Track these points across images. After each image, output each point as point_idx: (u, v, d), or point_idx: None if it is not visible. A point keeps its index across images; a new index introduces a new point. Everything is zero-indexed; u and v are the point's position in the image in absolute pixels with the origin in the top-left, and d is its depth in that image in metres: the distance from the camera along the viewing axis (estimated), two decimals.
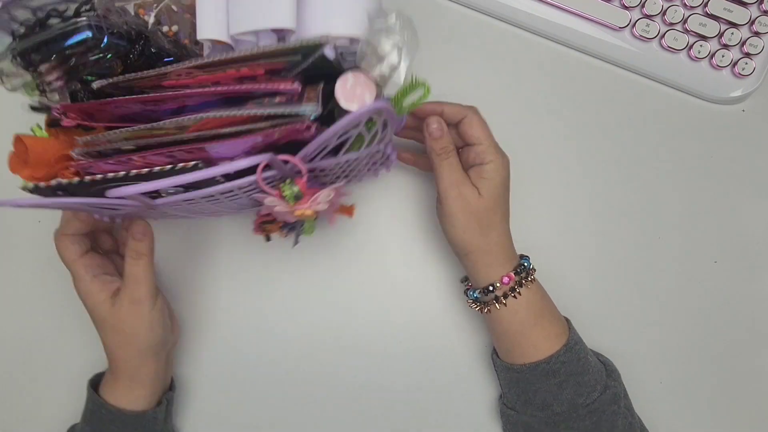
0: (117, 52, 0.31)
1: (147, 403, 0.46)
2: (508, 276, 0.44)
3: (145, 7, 0.33)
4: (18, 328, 0.53)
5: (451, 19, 0.54)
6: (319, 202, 0.36)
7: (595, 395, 0.44)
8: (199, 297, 0.53)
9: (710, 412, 0.52)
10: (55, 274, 0.52)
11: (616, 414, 0.45)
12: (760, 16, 0.52)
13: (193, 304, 0.53)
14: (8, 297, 0.53)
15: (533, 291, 0.46)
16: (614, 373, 0.48)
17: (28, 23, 0.32)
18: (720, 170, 0.54)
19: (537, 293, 0.46)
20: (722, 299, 0.53)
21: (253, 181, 0.33)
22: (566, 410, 0.44)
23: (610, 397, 0.45)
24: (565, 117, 0.54)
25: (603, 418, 0.44)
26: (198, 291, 0.53)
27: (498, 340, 0.47)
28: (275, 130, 0.32)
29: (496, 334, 0.47)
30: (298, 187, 0.35)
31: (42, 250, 0.53)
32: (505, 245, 0.46)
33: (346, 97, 0.33)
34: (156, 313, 0.44)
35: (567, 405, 0.44)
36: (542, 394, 0.45)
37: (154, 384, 0.46)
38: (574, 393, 0.44)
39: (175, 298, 0.52)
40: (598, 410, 0.44)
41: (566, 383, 0.44)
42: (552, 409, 0.45)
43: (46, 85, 0.33)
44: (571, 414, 0.44)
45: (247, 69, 0.32)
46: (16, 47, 0.32)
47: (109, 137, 0.33)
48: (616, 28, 0.53)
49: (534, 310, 0.45)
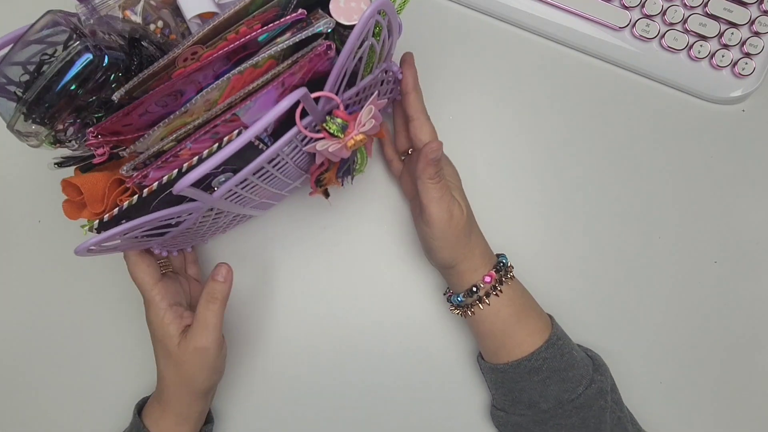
0: (119, 68, 0.31)
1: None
2: (489, 275, 0.45)
3: (128, 7, 0.33)
4: (17, 328, 0.53)
5: (451, 19, 0.54)
6: (364, 123, 0.36)
7: (581, 390, 0.44)
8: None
9: (710, 412, 0.52)
10: (55, 274, 0.53)
11: (603, 409, 0.44)
12: (760, 16, 0.51)
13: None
14: (8, 297, 0.53)
15: (513, 287, 0.46)
16: (602, 367, 0.47)
17: (24, 80, 0.31)
18: (720, 170, 0.54)
19: (517, 290, 0.46)
20: (722, 299, 0.53)
21: (296, 132, 0.34)
22: (552, 407, 0.44)
23: (596, 392, 0.44)
24: (565, 117, 0.54)
25: (590, 414, 0.44)
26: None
27: (483, 341, 0.47)
28: (296, 66, 0.32)
29: (480, 336, 0.47)
30: (339, 119, 0.35)
31: (42, 250, 0.53)
32: (483, 246, 0.46)
33: (345, 14, 0.34)
34: (219, 360, 0.44)
35: (553, 401, 0.44)
36: (528, 393, 0.45)
37: (199, 422, 0.46)
38: (560, 389, 0.44)
39: None
40: (584, 406, 0.44)
41: (550, 380, 0.44)
42: (539, 406, 0.45)
43: (62, 134, 0.33)
44: (558, 411, 0.44)
45: (245, 28, 0.32)
46: (22, 107, 0.31)
47: (147, 142, 0.33)
48: (616, 28, 0.53)
49: (516, 307, 0.45)
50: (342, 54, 0.32)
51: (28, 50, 0.31)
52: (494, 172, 0.53)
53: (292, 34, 0.33)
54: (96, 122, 0.32)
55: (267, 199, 0.47)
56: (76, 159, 0.39)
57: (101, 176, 0.36)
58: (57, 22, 0.29)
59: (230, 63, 0.33)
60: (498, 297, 0.45)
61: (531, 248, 0.52)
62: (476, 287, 0.45)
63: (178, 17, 0.35)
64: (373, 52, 0.36)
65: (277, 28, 0.32)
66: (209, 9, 0.34)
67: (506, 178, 0.53)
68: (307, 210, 0.53)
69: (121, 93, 0.31)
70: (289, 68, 0.33)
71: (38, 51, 0.31)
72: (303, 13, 0.33)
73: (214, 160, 0.31)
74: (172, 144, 0.34)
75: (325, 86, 0.34)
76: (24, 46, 0.30)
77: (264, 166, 0.36)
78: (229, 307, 0.52)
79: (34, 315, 0.53)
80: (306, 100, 0.32)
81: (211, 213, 0.40)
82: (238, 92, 0.32)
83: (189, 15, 0.34)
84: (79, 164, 0.39)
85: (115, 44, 0.31)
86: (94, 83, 0.30)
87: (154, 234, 0.37)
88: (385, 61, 0.39)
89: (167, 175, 0.34)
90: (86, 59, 0.29)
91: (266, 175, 0.39)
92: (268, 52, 0.32)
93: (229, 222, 0.47)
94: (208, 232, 0.47)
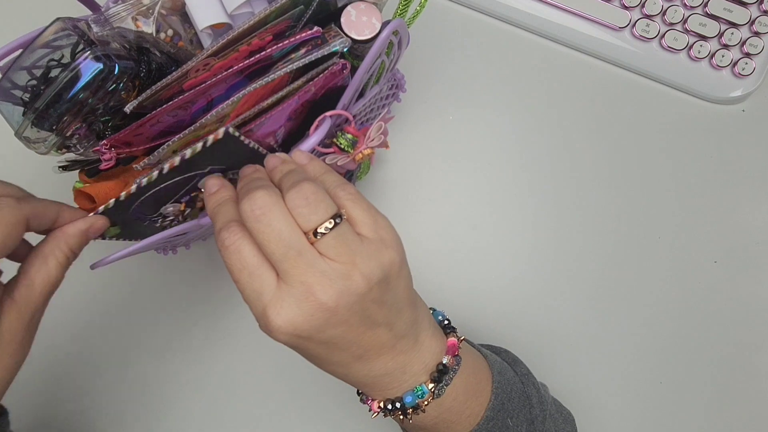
0: (128, 76, 0.31)
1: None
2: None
3: (140, 17, 0.33)
4: None
5: (451, 19, 0.54)
6: (373, 138, 0.37)
7: (537, 411, 0.36)
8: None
9: (710, 412, 0.52)
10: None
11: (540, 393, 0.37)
12: (760, 16, 0.52)
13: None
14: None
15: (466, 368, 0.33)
16: (514, 362, 0.39)
17: (31, 85, 0.31)
18: (720, 170, 0.54)
19: (468, 367, 0.33)
20: (722, 299, 0.53)
21: (310, 149, 0.34)
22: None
23: (540, 395, 0.37)
24: (564, 116, 0.54)
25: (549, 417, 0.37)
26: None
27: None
28: (311, 83, 0.32)
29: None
30: (350, 134, 0.36)
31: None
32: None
33: (357, 29, 0.34)
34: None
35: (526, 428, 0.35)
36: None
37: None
38: (527, 421, 0.35)
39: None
40: (547, 416, 0.37)
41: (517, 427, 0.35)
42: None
43: (69, 140, 0.33)
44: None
45: (257, 40, 0.32)
46: (30, 113, 0.31)
47: (160, 156, 0.33)
48: (616, 28, 0.53)
49: (468, 390, 0.33)
50: (357, 75, 0.33)
51: (34, 54, 0.31)
52: (494, 171, 0.54)
53: (307, 51, 0.33)
54: (103, 127, 0.32)
55: None
56: (80, 163, 0.39)
57: (113, 185, 0.36)
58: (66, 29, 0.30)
59: (243, 75, 0.33)
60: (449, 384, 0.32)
61: (528, 246, 0.52)
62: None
63: (187, 24, 0.35)
64: (383, 66, 0.37)
65: (290, 45, 0.33)
66: (221, 20, 0.34)
67: (506, 178, 0.54)
68: None
69: (134, 104, 0.30)
70: (304, 86, 0.33)
71: (44, 55, 0.31)
72: (318, 31, 0.33)
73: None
74: None
75: (339, 104, 0.34)
76: (31, 51, 0.31)
77: None
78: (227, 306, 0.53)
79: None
80: (327, 122, 0.34)
81: None
82: (251, 108, 0.33)
83: (201, 26, 0.34)
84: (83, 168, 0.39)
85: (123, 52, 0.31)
86: (105, 92, 0.30)
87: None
88: (391, 71, 0.40)
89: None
90: (97, 69, 0.28)
91: None
92: (284, 70, 0.32)
93: None
94: (209, 233, 0.48)
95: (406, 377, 0.31)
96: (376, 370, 0.30)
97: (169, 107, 0.31)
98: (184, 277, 0.53)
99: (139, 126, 0.31)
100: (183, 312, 0.53)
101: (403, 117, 0.53)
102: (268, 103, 0.33)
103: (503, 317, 0.52)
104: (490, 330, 0.51)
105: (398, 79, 0.44)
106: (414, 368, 0.31)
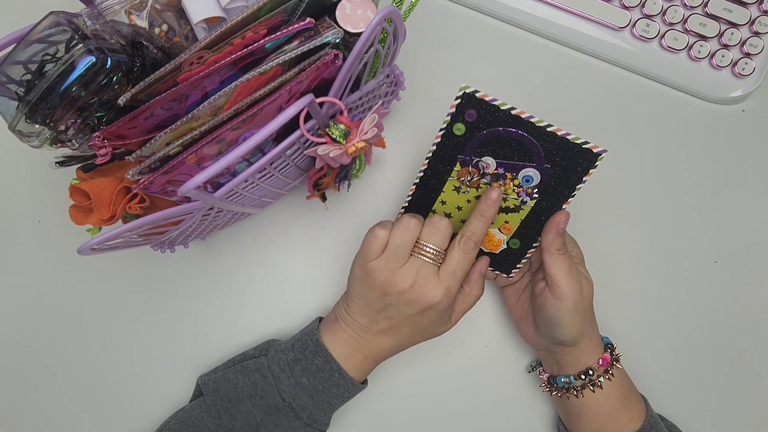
0: (122, 70, 0.31)
1: (361, 377, 0.45)
2: (603, 358, 0.44)
3: (133, 11, 0.33)
4: (18, 328, 0.53)
5: (451, 19, 0.54)
6: (367, 131, 0.36)
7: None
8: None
9: (710, 412, 0.52)
10: (55, 273, 0.53)
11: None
12: (760, 16, 0.52)
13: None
14: (8, 297, 0.53)
15: (622, 371, 0.45)
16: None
17: (25, 79, 0.31)
18: (720, 170, 0.54)
19: (624, 372, 0.46)
20: (722, 299, 0.53)
21: (299, 135, 0.34)
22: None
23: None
24: (565, 117, 0.54)
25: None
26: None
27: (581, 422, 0.45)
28: (304, 74, 0.32)
29: (580, 416, 0.45)
30: (343, 125, 0.35)
31: (42, 250, 0.53)
32: (596, 325, 0.45)
33: (351, 22, 0.34)
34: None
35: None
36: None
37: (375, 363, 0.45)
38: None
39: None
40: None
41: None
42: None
43: (63, 134, 0.33)
44: None
45: (251, 33, 0.32)
46: (24, 107, 0.31)
47: (153, 147, 0.33)
48: (616, 28, 0.53)
49: (623, 391, 0.45)
50: (347, 61, 0.32)
51: (30, 49, 0.31)
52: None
53: (300, 42, 0.33)
54: (97, 122, 0.32)
55: (266, 198, 0.47)
56: (77, 159, 0.38)
57: (108, 182, 0.36)
58: (59, 23, 0.29)
59: (236, 68, 0.33)
60: (610, 381, 0.44)
61: None
62: (591, 370, 0.44)
63: (182, 19, 0.35)
64: (378, 57, 0.36)
65: (283, 37, 0.32)
66: (216, 14, 0.34)
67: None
68: (306, 208, 0.53)
69: (127, 97, 0.31)
70: (296, 77, 0.33)
71: (39, 50, 0.31)
72: (311, 22, 0.33)
73: (221, 163, 0.31)
74: (178, 149, 0.34)
75: (330, 92, 0.34)
76: (26, 45, 0.30)
77: (266, 167, 0.36)
78: (226, 305, 0.52)
79: (35, 315, 0.53)
80: (311, 105, 0.33)
81: (211, 212, 0.41)
82: (245, 99, 0.32)
83: (195, 20, 0.34)
84: (80, 164, 0.39)
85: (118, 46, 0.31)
86: (97, 85, 0.29)
87: (153, 233, 0.37)
88: (389, 65, 0.39)
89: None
90: (89, 62, 0.28)
91: (267, 174, 0.39)
92: (276, 61, 0.32)
93: (227, 220, 0.48)
94: (206, 230, 0.47)
95: (579, 362, 0.44)
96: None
97: (162, 99, 0.31)
98: (185, 276, 0.53)
99: (133, 119, 0.31)
100: (182, 311, 0.52)
101: (403, 117, 0.53)
102: (261, 93, 0.32)
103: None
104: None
105: (397, 76, 0.44)
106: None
